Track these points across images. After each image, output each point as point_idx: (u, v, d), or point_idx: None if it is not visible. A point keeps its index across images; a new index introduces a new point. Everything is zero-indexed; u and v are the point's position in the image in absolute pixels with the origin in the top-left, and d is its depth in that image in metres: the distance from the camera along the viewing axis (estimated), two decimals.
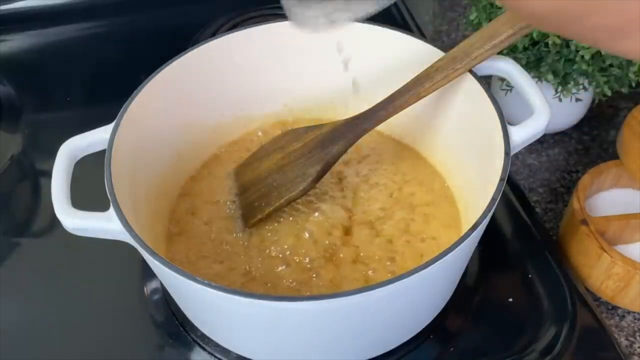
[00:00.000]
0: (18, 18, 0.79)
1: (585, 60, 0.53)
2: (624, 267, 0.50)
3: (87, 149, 0.47)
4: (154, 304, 0.52)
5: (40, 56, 0.77)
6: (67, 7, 0.80)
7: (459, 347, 0.49)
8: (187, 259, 0.51)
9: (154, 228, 0.51)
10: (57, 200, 0.43)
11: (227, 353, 0.49)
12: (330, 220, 0.52)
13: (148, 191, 0.51)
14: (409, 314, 0.46)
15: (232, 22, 0.77)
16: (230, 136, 0.60)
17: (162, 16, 0.81)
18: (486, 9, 0.58)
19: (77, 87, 0.73)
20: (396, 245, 0.51)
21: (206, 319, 0.48)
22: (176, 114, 0.54)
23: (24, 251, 0.58)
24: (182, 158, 0.56)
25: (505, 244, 0.56)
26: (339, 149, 0.51)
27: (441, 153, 0.56)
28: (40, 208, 0.61)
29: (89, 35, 0.80)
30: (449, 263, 0.40)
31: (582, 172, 0.60)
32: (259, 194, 0.53)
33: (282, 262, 0.50)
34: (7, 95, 0.72)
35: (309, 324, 0.41)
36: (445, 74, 0.49)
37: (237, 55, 0.56)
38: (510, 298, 0.52)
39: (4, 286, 0.54)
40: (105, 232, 0.43)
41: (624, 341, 0.51)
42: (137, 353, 0.51)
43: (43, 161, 0.65)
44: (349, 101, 0.59)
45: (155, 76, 0.51)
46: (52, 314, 0.53)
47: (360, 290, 0.37)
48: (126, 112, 0.48)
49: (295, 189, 0.51)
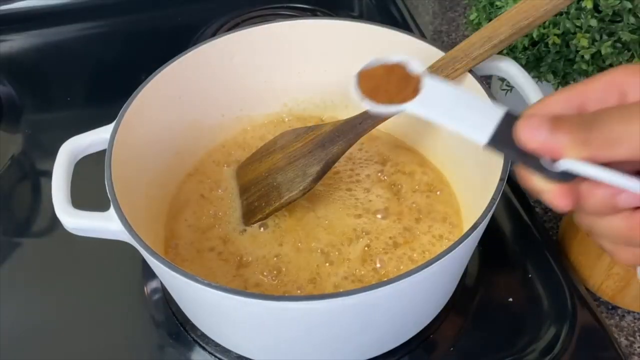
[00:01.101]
0: (18, 18, 0.79)
1: (585, 60, 0.53)
2: (624, 267, 0.50)
3: (87, 149, 0.47)
4: (154, 304, 0.52)
5: (40, 56, 0.77)
6: (67, 7, 0.80)
7: (459, 347, 0.49)
8: (187, 258, 0.51)
9: (153, 228, 0.51)
10: (57, 200, 0.43)
11: (227, 353, 0.49)
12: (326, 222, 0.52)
13: (148, 191, 0.51)
14: (409, 313, 0.46)
15: (232, 22, 0.77)
16: (230, 136, 0.60)
17: (162, 16, 0.81)
18: (486, 9, 0.58)
19: (77, 87, 0.73)
20: (396, 245, 0.51)
21: (206, 318, 0.48)
22: (176, 113, 0.54)
23: (24, 251, 0.58)
24: (182, 158, 0.56)
25: (505, 244, 0.56)
26: (339, 149, 0.51)
27: (441, 153, 0.56)
28: (40, 208, 0.61)
29: (89, 35, 0.80)
30: (449, 263, 0.40)
31: None
32: (259, 194, 0.53)
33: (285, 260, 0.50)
34: (7, 95, 0.72)
35: (310, 323, 0.41)
36: (445, 74, 0.49)
37: (237, 55, 0.56)
38: (510, 298, 0.52)
39: (4, 286, 0.54)
40: (105, 232, 0.43)
41: (624, 341, 0.51)
42: (137, 353, 0.51)
43: (43, 161, 0.65)
44: (349, 101, 0.59)
45: (155, 76, 0.51)
46: (52, 314, 0.53)
47: (361, 290, 0.37)
48: (126, 112, 0.48)
49: (295, 189, 0.51)
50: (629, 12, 0.52)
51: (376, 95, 0.33)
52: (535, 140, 0.29)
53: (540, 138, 0.29)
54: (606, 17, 0.52)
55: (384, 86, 0.33)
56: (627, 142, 0.27)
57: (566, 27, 0.53)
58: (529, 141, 0.29)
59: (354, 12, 0.83)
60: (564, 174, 0.29)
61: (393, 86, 0.33)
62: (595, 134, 0.28)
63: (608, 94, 0.30)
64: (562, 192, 0.29)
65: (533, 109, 0.31)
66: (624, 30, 0.52)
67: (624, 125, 0.27)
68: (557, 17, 0.53)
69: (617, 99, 0.29)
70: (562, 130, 0.29)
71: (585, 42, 0.52)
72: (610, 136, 0.27)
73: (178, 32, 0.77)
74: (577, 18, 0.52)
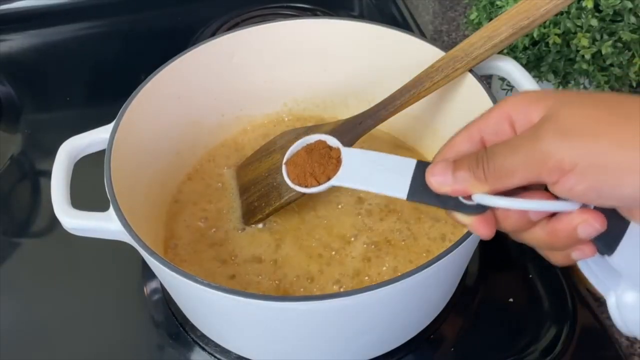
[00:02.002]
0: (18, 18, 0.79)
1: (585, 59, 0.53)
2: None
3: (87, 149, 0.47)
4: (154, 304, 0.52)
5: (40, 56, 0.77)
6: (67, 7, 0.80)
7: (460, 347, 0.49)
8: (187, 258, 0.51)
9: (153, 228, 0.51)
10: (57, 200, 0.43)
11: (227, 353, 0.49)
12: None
13: (148, 191, 0.51)
14: (409, 314, 0.46)
15: (232, 22, 0.77)
16: (230, 136, 0.60)
17: (162, 16, 0.81)
18: (486, 9, 0.58)
19: (77, 87, 0.73)
20: (397, 245, 0.50)
21: (206, 319, 0.48)
22: (176, 113, 0.54)
23: (24, 251, 0.58)
24: (182, 157, 0.56)
25: (505, 244, 0.55)
26: None
27: None
28: (40, 208, 0.61)
29: (89, 35, 0.80)
30: (450, 263, 0.40)
31: None
32: (259, 194, 0.53)
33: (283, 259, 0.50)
34: (7, 95, 0.72)
35: (309, 324, 0.41)
36: (445, 74, 0.49)
37: (237, 55, 0.56)
38: (511, 298, 0.51)
39: (4, 286, 0.54)
40: (105, 232, 0.43)
41: (625, 341, 0.51)
42: (137, 353, 0.50)
43: (43, 161, 0.65)
44: (349, 101, 0.59)
45: (155, 76, 0.51)
46: (52, 314, 0.52)
47: (361, 291, 0.37)
48: (126, 112, 0.48)
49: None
50: (630, 11, 0.52)
51: (304, 180, 0.39)
52: (444, 185, 0.33)
53: (448, 182, 0.33)
54: (607, 17, 0.52)
55: (309, 169, 0.39)
56: (518, 172, 0.30)
57: (567, 26, 0.53)
58: (439, 187, 0.33)
59: (354, 12, 0.83)
60: (479, 206, 0.33)
61: (317, 166, 0.39)
62: (490, 170, 0.31)
63: (501, 126, 0.33)
64: (481, 222, 0.33)
65: (441, 154, 0.35)
66: (625, 30, 0.52)
67: (511, 159, 0.30)
68: (557, 16, 0.53)
69: (509, 129, 0.32)
70: (462, 172, 0.32)
71: (586, 41, 0.52)
72: (502, 170, 0.31)
73: (178, 32, 0.77)
74: (577, 18, 0.52)
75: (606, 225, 0.31)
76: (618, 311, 0.34)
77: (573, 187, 0.29)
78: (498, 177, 0.31)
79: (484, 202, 0.32)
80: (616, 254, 0.32)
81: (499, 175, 0.31)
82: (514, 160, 0.30)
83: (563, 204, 0.31)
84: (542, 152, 0.29)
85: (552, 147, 0.29)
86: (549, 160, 0.29)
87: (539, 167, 0.29)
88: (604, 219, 0.30)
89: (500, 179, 0.31)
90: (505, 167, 0.31)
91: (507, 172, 0.31)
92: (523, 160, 0.30)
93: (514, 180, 0.31)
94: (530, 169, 0.30)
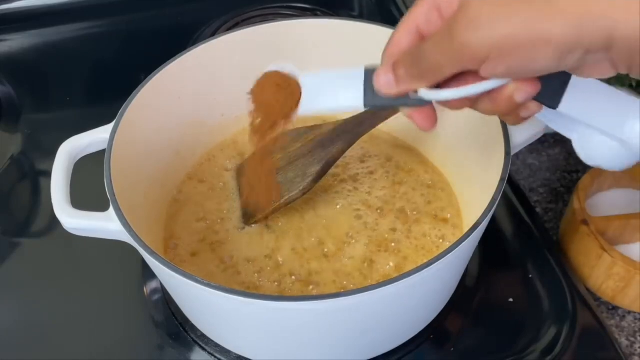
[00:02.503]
0: (17, 18, 0.79)
1: None
2: (625, 267, 0.50)
3: (87, 149, 0.47)
4: (154, 304, 0.52)
5: (40, 56, 0.77)
6: (67, 7, 0.80)
7: (460, 347, 0.49)
8: (187, 258, 0.51)
9: (153, 228, 0.51)
10: (57, 200, 0.43)
11: (227, 353, 0.49)
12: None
13: (148, 191, 0.51)
14: (409, 314, 0.46)
15: (232, 22, 0.77)
16: (230, 136, 0.60)
17: (162, 16, 0.81)
18: None
19: (77, 87, 0.73)
20: (397, 245, 0.51)
21: (206, 319, 0.48)
22: (176, 113, 0.54)
23: (24, 251, 0.58)
24: (182, 157, 0.56)
25: (505, 244, 0.56)
26: (339, 149, 0.51)
27: (441, 153, 0.56)
28: (40, 208, 0.61)
29: (89, 35, 0.80)
30: (450, 263, 0.40)
31: (583, 172, 0.60)
32: (259, 194, 0.53)
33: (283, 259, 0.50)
34: (7, 95, 0.72)
35: (309, 324, 0.41)
36: None
37: (237, 55, 0.56)
38: (511, 298, 0.51)
39: (4, 286, 0.54)
40: (105, 232, 0.43)
41: (625, 341, 0.51)
42: (137, 353, 0.50)
43: (43, 161, 0.65)
44: None
45: (155, 76, 0.51)
46: (52, 314, 0.53)
47: (361, 291, 0.37)
48: (126, 112, 0.48)
49: (295, 189, 0.51)
50: None
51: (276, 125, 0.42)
52: (390, 88, 0.35)
53: (392, 85, 0.35)
54: None
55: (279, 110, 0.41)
56: (446, 66, 0.32)
57: None
58: (387, 91, 0.36)
59: (354, 12, 0.83)
60: (424, 100, 0.35)
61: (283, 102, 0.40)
62: (422, 68, 0.33)
63: (431, 15, 0.34)
64: (420, 114, 0.37)
65: (386, 53, 0.36)
66: None
67: (435, 55, 0.32)
68: None
69: (438, 16, 0.34)
70: (401, 73, 0.35)
71: None
72: (432, 66, 0.33)
73: (178, 32, 0.77)
74: None
75: (539, 87, 0.32)
76: (582, 149, 0.37)
77: (493, 70, 0.31)
78: (431, 72, 0.33)
79: (427, 97, 0.35)
80: (562, 105, 0.34)
81: (431, 71, 0.33)
82: (437, 56, 0.32)
83: (492, 82, 0.33)
84: (457, 45, 0.31)
85: (464, 38, 0.30)
86: (464, 52, 0.30)
87: (459, 59, 0.31)
88: (535, 83, 0.32)
89: (433, 74, 0.33)
90: (433, 63, 0.33)
91: (437, 67, 0.33)
92: (445, 55, 0.32)
93: (445, 73, 0.33)
94: (453, 62, 0.32)
